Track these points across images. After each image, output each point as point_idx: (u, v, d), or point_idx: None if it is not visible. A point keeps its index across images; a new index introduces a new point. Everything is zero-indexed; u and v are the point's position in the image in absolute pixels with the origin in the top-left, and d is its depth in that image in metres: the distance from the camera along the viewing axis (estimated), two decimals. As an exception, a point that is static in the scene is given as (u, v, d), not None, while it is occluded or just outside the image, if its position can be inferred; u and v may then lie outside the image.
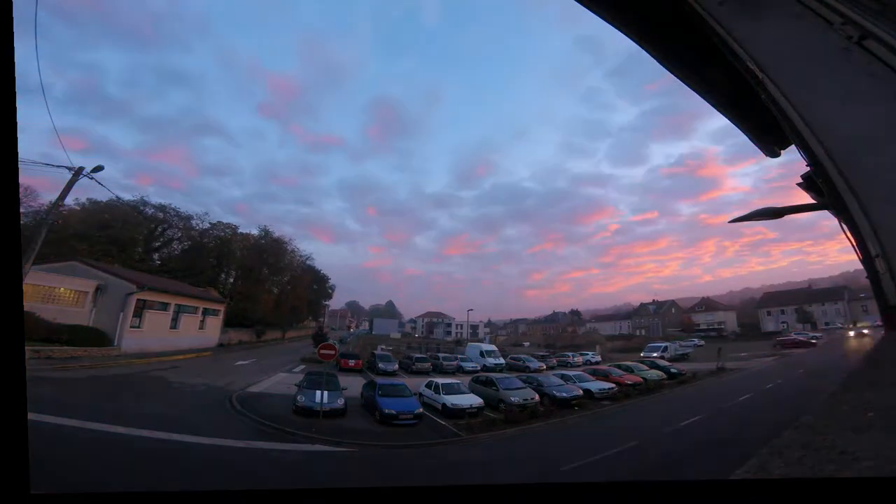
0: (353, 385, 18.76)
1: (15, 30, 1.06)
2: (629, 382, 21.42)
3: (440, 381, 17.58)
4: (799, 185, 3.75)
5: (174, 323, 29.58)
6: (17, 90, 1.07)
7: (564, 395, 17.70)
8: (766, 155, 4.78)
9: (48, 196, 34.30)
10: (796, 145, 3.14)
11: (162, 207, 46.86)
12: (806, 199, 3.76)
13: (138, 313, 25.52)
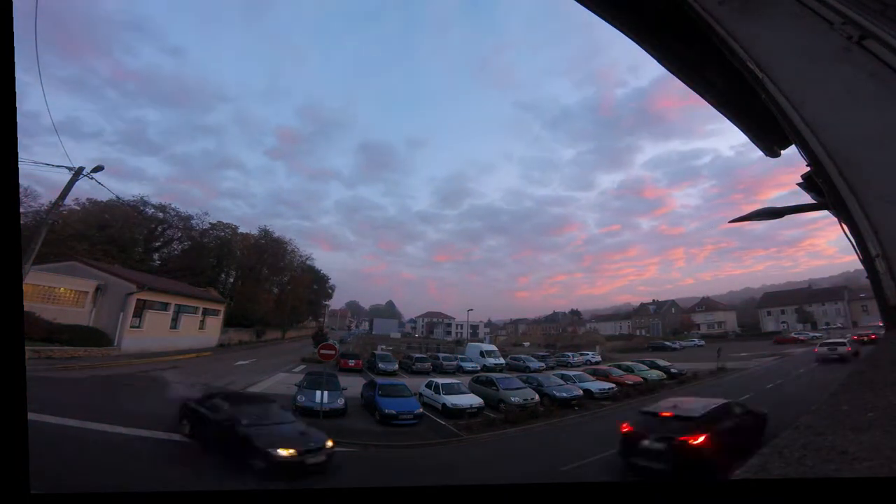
0: (353, 385, 18.76)
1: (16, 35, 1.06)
2: (629, 382, 21.42)
3: (440, 381, 17.58)
4: (799, 184, 3.75)
5: (174, 323, 29.59)
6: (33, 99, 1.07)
7: (564, 395, 17.70)
8: (767, 155, 4.77)
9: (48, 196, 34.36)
10: (796, 145, 3.14)
11: (162, 207, 46.88)
12: (806, 198, 3.77)
13: (138, 313, 25.53)
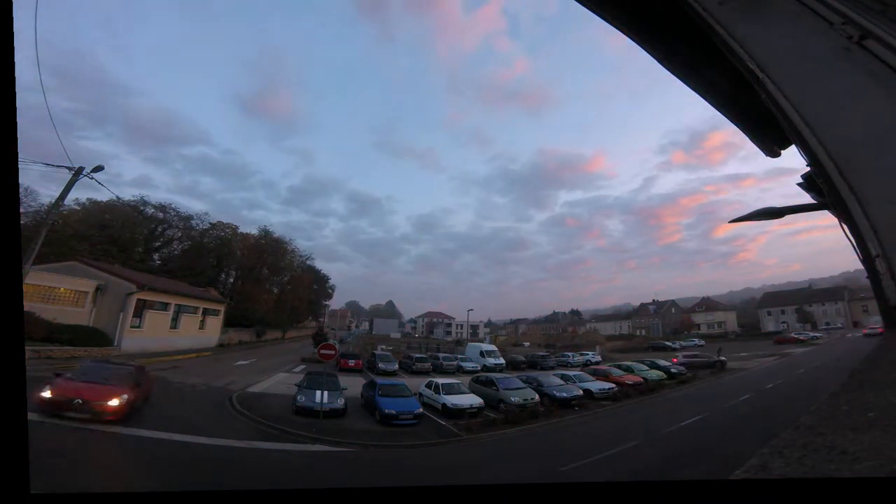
0: (353, 385, 18.76)
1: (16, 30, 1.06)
2: (629, 382, 21.42)
3: (440, 381, 17.57)
4: (799, 184, 3.76)
5: (174, 323, 29.59)
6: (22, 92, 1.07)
7: (564, 395, 17.69)
8: (767, 155, 4.77)
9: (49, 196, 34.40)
10: (796, 145, 3.14)
11: (162, 207, 46.92)
12: (806, 198, 3.77)
13: (138, 313, 25.53)
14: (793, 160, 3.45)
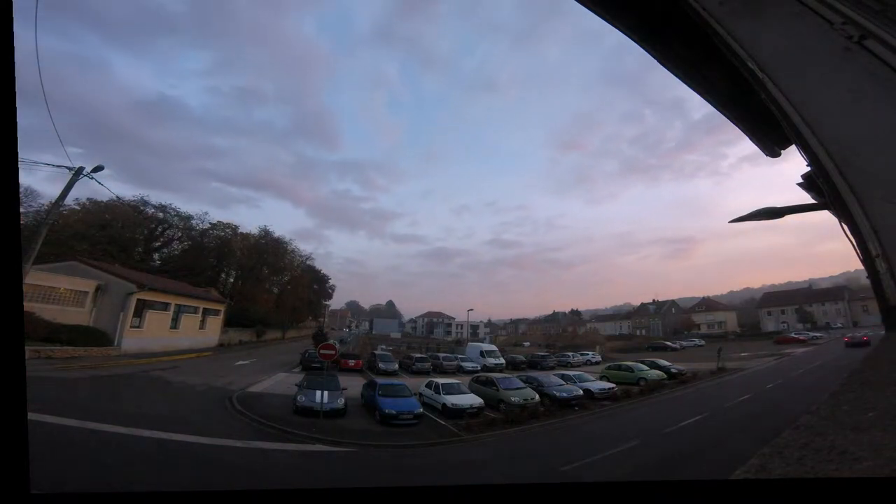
0: (353, 385, 18.77)
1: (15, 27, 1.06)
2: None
3: (440, 381, 17.58)
4: (799, 184, 3.76)
5: (174, 323, 29.60)
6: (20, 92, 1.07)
7: (564, 395, 17.70)
8: (767, 155, 4.77)
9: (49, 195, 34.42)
10: (796, 145, 3.13)
11: (162, 207, 46.95)
12: (806, 198, 3.77)
13: (138, 313, 25.55)
14: (793, 160, 3.45)
